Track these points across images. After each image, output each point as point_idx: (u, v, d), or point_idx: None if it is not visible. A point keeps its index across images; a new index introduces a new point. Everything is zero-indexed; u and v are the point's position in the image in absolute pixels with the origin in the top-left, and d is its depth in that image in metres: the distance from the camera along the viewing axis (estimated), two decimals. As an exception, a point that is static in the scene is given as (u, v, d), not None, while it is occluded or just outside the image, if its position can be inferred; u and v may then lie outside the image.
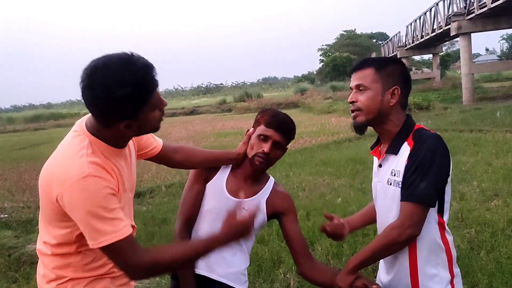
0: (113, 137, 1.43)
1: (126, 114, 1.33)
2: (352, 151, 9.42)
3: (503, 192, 5.49)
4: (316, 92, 33.97)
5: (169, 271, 1.82)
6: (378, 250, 1.60)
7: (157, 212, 5.79)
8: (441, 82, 32.65)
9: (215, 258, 1.77)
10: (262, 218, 1.86)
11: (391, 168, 1.62)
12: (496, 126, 11.71)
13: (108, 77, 1.28)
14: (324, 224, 1.91)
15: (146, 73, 1.32)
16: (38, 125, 32.81)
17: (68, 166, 1.34)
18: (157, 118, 1.43)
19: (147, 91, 1.33)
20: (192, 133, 16.93)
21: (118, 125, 1.36)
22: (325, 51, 60.77)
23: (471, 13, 21.17)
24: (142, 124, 1.39)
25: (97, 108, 1.34)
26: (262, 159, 1.80)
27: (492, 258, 3.63)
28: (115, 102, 1.28)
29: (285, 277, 3.60)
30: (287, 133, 1.83)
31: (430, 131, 1.61)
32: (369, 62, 1.67)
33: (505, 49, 69.43)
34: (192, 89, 75.83)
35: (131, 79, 1.28)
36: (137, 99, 1.31)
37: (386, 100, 1.62)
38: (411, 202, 1.52)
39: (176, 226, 1.87)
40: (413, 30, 32.13)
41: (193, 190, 1.87)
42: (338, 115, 19.34)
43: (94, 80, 1.29)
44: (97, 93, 1.29)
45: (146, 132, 1.48)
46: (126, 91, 1.27)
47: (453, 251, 1.65)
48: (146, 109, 1.36)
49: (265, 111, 1.89)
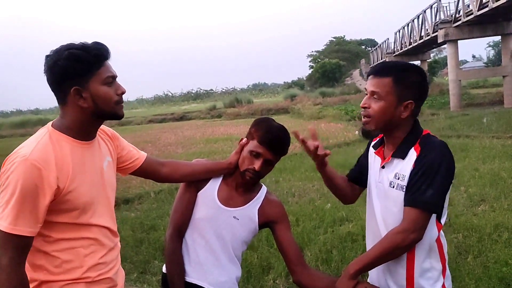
0: (74, 120, 1.48)
1: (74, 77, 1.42)
2: (341, 157, 9.44)
3: (489, 197, 5.55)
4: (306, 98, 34.09)
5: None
6: (382, 254, 1.59)
7: (145, 218, 5.73)
8: (429, 88, 32.96)
9: (206, 266, 1.78)
10: (254, 227, 1.86)
11: (396, 171, 1.63)
12: (483, 132, 11.88)
13: (61, 47, 1.45)
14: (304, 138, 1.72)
15: (96, 43, 1.48)
16: (25, 131, 32.16)
17: (18, 151, 1.40)
18: (109, 95, 1.48)
19: (94, 56, 1.44)
20: (182, 139, 16.85)
21: (71, 95, 1.44)
22: (314, 57, 61.20)
23: (458, 21, 21.47)
24: (93, 95, 1.45)
25: (51, 75, 1.44)
26: (253, 175, 1.80)
27: (479, 262, 3.66)
28: (64, 61, 1.41)
29: (275, 283, 3.59)
30: (280, 151, 1.82)
31: (437, 138, 1.62)
32: (388, 70, 1.62)
33: (492, 56, 70.49)
34: (182, 94, 75.78)
35: (80, 45, 1.45)
36: (83, 60, 1.42)
37: (398, 113, 1.60)
38: (417, 208, 1.52)
39: (167, 234, 1.86)
40: (401, 37, 32.46)
41: (184, 198, 1.87)
42: (327, 121, 19.42)
43: (50, 53, 1.45)
44: (50, 59, 1.44)
45: (100, 106, 1.48)
46: (72, 51, 1.42)
47: (446, 256, 1.67)
48: (94, 79, 1.45)
49: (260, 124, 1.85)
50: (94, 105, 1.47)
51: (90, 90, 1.45)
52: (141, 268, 4.12)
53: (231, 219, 1.82)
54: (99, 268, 1.54)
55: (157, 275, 3.92)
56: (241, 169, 1.82)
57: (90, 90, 1.45)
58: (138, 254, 4.40)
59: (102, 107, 1.48)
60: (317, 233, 4.64)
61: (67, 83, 1.43)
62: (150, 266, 4.15)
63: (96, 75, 1.45)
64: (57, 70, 1.43)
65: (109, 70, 1.49)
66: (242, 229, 1.84)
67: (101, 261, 1.55)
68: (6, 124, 38.30)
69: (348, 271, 1.63)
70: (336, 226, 4.81)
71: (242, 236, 1.85)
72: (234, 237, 1.83)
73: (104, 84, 1.47)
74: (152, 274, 3.99)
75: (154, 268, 4.08)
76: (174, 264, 1.78)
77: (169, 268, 1.80)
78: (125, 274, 1.78)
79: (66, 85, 1.44)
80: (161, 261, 4.21)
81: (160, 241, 4.64)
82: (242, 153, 1.84)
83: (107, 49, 1.49)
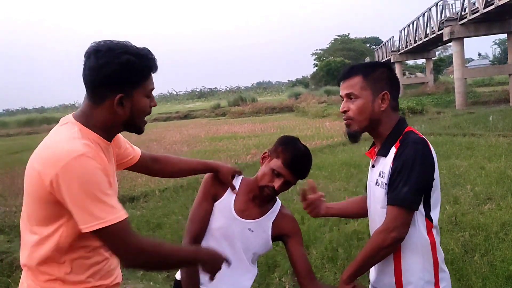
0: (103, 122, 1.40)
1: (123, 83, 1.36)
2: (346, 155, 9.45)
3: (496, 196, 5.52)
4: (310, 96, 34.12)
5: (160, 267, 1.71)
6: (367, 257, 1.60)
7: (151, 216, 5.75)
8: (435, 86, 32.89)
9: (220, 275, 1.76)
10: (267, 238, 1.89)
11: (380, 169, 1.65)
12: (489, 130, 11.81)
13: (114, 44, 1.36)
14: (304, 190, 1.91)
15: (148, 52, 1.41)
16: (31, 129, 32.50)
17: (60, 148, 1.30)
18: (147, 108, 1.45)
19: (147, 67, 1.40)
20: (187, 137, 16.89)
21: (112, 100, 1.36)
22: (319, 56, 61.09)
23: (463, 18, 21.36)
24: (134, 105, 1.40)
25: (99, 73, 1.34)
26: (270, 192, 1.83)
27: (486, 261, 3.64)
28: (118, 66, 1.33)
29: (280, 281, 3.59)
30: (302, 177, 1.86)
31: (417, 135, 1.61)
32: (355, 70, 1.68)
33: (497, 54, 70.11)
34: (186, 93, 75.88)
35: (135, 50, 1.37)
36: (137, 70, 1.36)
37: (377, 106, 1.64)
38: (395, 206, 1.54)
39: (183, 243, 1.87)
40: (406, 35, 32.33)
41: (201, 208, 1.87)
42: (332, 119, 19.39)
43: (100, 47, 1.35)
44: (102, 56, 1.33)
45: (134, 118, 1.44)
46: (129, 57, 1.34)
47: (439, 256, 1.64)
48: (140, 90, 1.40)
49: (288, 145, 1.85)
50: (130, 116, 1.41)
51: (132, 100, 1.39)
52: (147, 266, 4.12)
53: (246, 231, 1.85)
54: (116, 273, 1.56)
55: (163, 273, 3.93)
56: (259, 184, 1.84)
57: (133, 100, 1.39)
58: (143, 252, 4.40)
59: (135, 118, 1.44)
60: (322, 231, 4.64)
61: (113, 87, 1.36)
62: (155, 264, 4.15)
63: (142, 86, 1.40)
64: (108, 72, 1.33)
65: (152, 82, 1.44)
66: (256, 241, 1.87)
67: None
68: (13, 122, 38.52)
69: (341, 277, 1.66)
70: (342, 224, 4.80)
71: (256, 248, 1.88)
72: (247, 249, 1.86)
73: (146, 96, 1.43)
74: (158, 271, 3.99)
75: (159, 266, 4.09)
76: (191, 274, 1.79)
77: (185, 278, 1.81)
78: (131, 271, 1.80)
79: (111, 89, 1.36)
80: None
81: (166, 239, 4.65)
82: (264, 168, 1.87)
83: (156, 60, 1.43)
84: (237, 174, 1.94)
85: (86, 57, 1.36)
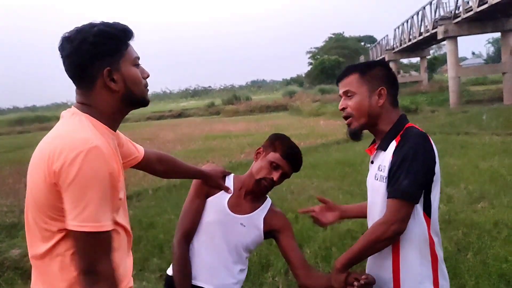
0: (103, 105, 1.34)
1: (104, 56, 1.31)
2: (340, 154, 9.45)
3: (489, 194, 5.54)
4: (304, 95, 34.09)
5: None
6: (365, 247, 1.60)
7: (144, 216, 5.71)
8: (429, 85, 32.99)
9: (213, 270, 1.82)
10: (259, 233, 1.92)
11: (379, 163, 1.66)
12: (483, 129, 11.87)
13: (81, 26, 1.33)
14: (312, 209, 2.07)
15: (121, 24, 1.37)
16: (23, 128, 32.26)
17: (73, 137, 1.23)
18: (138, 76, 1.38)
19: (121, 30, 1.35)
20: (180, 136, 16.83)
21: (101, 78, 1.31)
22: (313, 54, 61.13)
23: (457, 17, 21.43)
24: (125, 77, 1.34)
25: (78, 54, 1.29)
26: (268, 185, 1.90)
27: (479, 259, 3.65)
28: (93, 38, 1.29)
29: (274, 280, 3.58)
30: (297, 168, 1.97)
31: (418, 130, 1.63)
32: (352, 69, 1.73)
33: (491, 53, 70.55)
34: (180, 91, 75.82)
35: (106, 23, 1.35)
36: (112, 36, 1.32)
37: (374, 101, 1.67)
38: (396, 199, 1.54)
39: (175, 239, 1.88)
40: (400, 33, 32.40)
41: (194, 204, 1.90)
42: (326, 118, 19.42)
43: (69, 34, 1.33)
44: (74, 39, 1.30)
45: (131, 89, 1.36)
46: (100, 27, 1.31)
47: (438, 253, 1.65)
48: (124, 60, 1.34)
49: (283, 139, 1.96)
50: (125, 88, 1.35)
51: (121, 71, 1.33)
52: (140, 265, 4.11)
53: (238, 226, 1.88)
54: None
55: (156, 273, 3.92)
56: (256, 177, 1.90)
57: (122, 72, 1.33)
58: (136, 252, 4.37)
59: (133, 90, 1.37)
60: (316, 230, 4.62)
61: (97, 64, 1.30)
62: (149, 264, 4.14)
63: (125, 55, 1.34)
64: (86, 49, 1.28)
65: (134, 51, 1.39)
66: (248, 235, 1.89)
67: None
68: (4, 121, 38.18)
69: (335, 265, 1.67)
70: (336, 223, 4.78)
71: (248, 243, 1.90)
72: (240, 243, 1.88)
73: (133, 65, 1.37)
74: (151, 271, 3.98)
75: (152, 266, 4.08)
76: (182, 269, 1.80)
77: (177, 273, 1.81)
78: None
79: (95, 67, 1.30)
80: (160, 258, 4.21)
81: (158, 239, 4.63)
82: (260, 162, 1.93)
83: (129, 27, 1.38)
84: (227, 175, 1.99)
85: (61, 49, 1.32)
